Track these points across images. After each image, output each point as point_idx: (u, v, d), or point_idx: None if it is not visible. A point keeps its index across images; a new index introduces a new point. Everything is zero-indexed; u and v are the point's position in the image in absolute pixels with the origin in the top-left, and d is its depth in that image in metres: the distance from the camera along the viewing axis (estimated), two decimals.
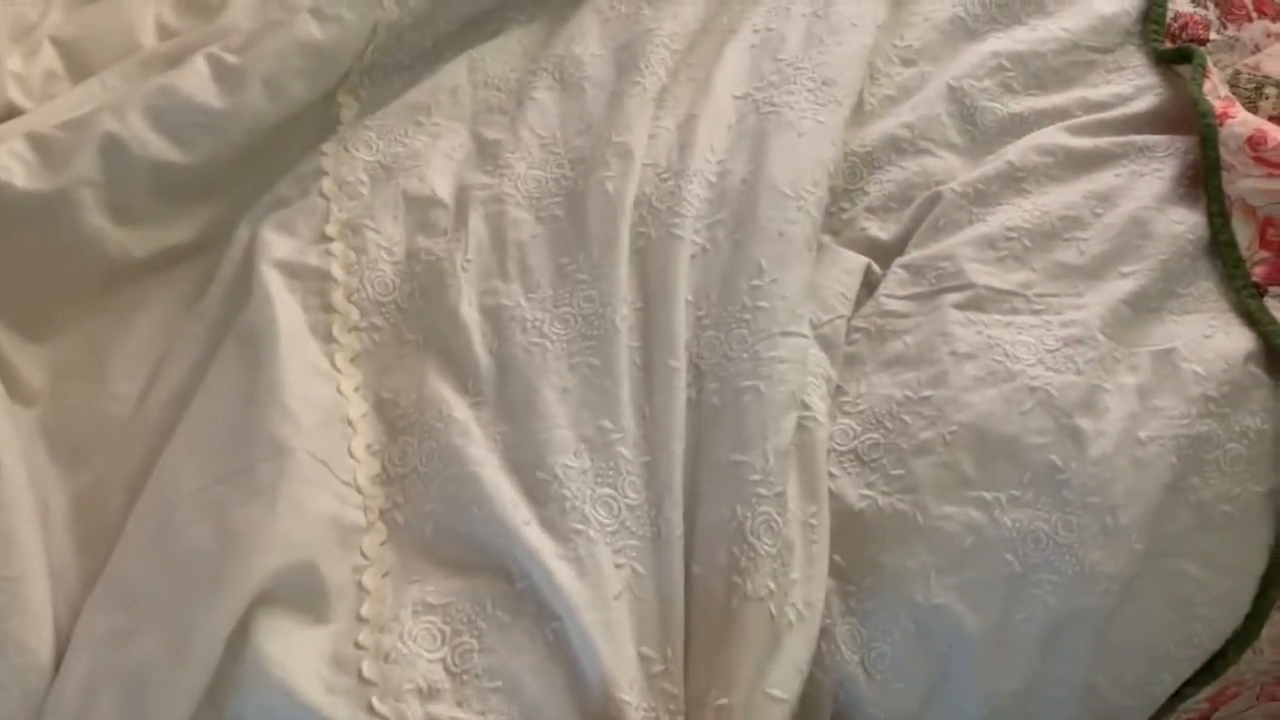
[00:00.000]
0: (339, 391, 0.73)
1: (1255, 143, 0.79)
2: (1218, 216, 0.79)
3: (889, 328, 0.76)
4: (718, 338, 0.73)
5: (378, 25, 0.83)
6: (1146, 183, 0.81)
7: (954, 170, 0.84)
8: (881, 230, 0.83)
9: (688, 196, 0.79)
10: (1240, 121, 0.80)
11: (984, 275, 0.76)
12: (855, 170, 0.84)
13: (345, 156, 0.83)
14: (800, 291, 0.74)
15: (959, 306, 0.76)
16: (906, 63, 0.90)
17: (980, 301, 0.75)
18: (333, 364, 0.74)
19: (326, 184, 0.81)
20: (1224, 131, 0.80)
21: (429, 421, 0.71)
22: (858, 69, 0.85)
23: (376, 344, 0.75)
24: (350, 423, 0.72)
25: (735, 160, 0.81)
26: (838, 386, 0.74)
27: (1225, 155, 0.80)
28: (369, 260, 0.78)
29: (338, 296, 0.77)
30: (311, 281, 0.77)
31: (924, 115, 0.87)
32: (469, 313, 0.75)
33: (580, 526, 0.67)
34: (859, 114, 0.87)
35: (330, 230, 0.79)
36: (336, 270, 0.78)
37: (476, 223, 0.79)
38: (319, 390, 0.71)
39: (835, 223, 0.84)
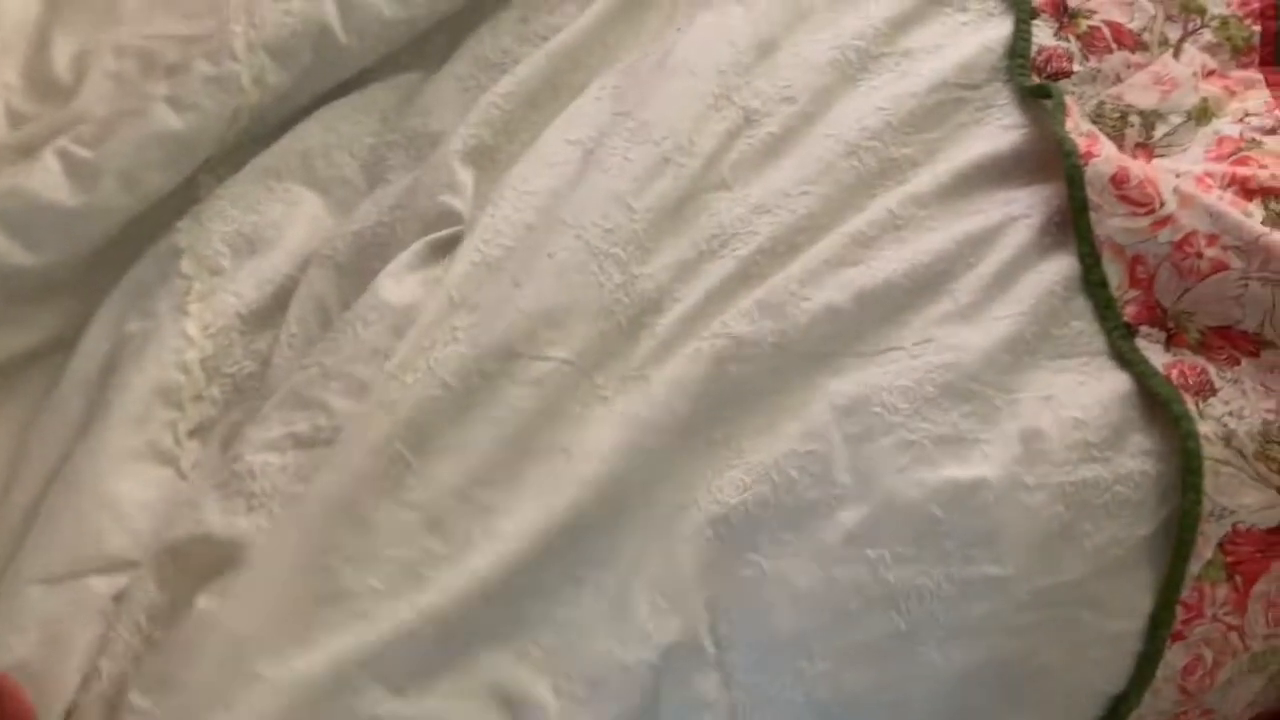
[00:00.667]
0: (178, 472, 0.71)
1: (1118, 181, 0.81)
2: (1088, 256, 0.80)
3: (769, 381, 0.75)
4: (463, 351, 0.70)
5: (239, 110, 0.81)
6: (1017, 226, 0.82)
7: (839, 211, 0.84)
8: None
9: (483, 218, 0.77)
10: (1104, 160, 0.82)
11: (861, 340, 0.76)
12: (744, 218, 0.82)
13: (200, 231, 0.80)
14: (557, 316, 0.71)
15: (837, 365, 0.75)
16: (786, 100, 0.89)
17: (859, 364, 0.75)
18: (176, 438, 0.72)
19: (185, 263, 0.79)
20: (1089, 171, 0.81)
21: None
22: (683, 112, 0.82)
23: (212, 420, 0.74)
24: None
25: (542, 199, 0.78)
26: (714, 439, 0.72)
27: (1092, 195, 0.81)
28: (223, 328, 0.76)
29: (191, 357, 0.75)
30: (169, 341, 0.75)
31: (807, 158, 0.86)
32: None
33: (264, 524, 0.65)
34: (741, 155, 0.85)
35: (190, 298, 0.77)
36: (193, 330, 0.76)
37: (304, 294, 0.77)
38: (155, 484, 0.69)
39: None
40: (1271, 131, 0.90)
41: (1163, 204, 0.80)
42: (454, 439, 0.66)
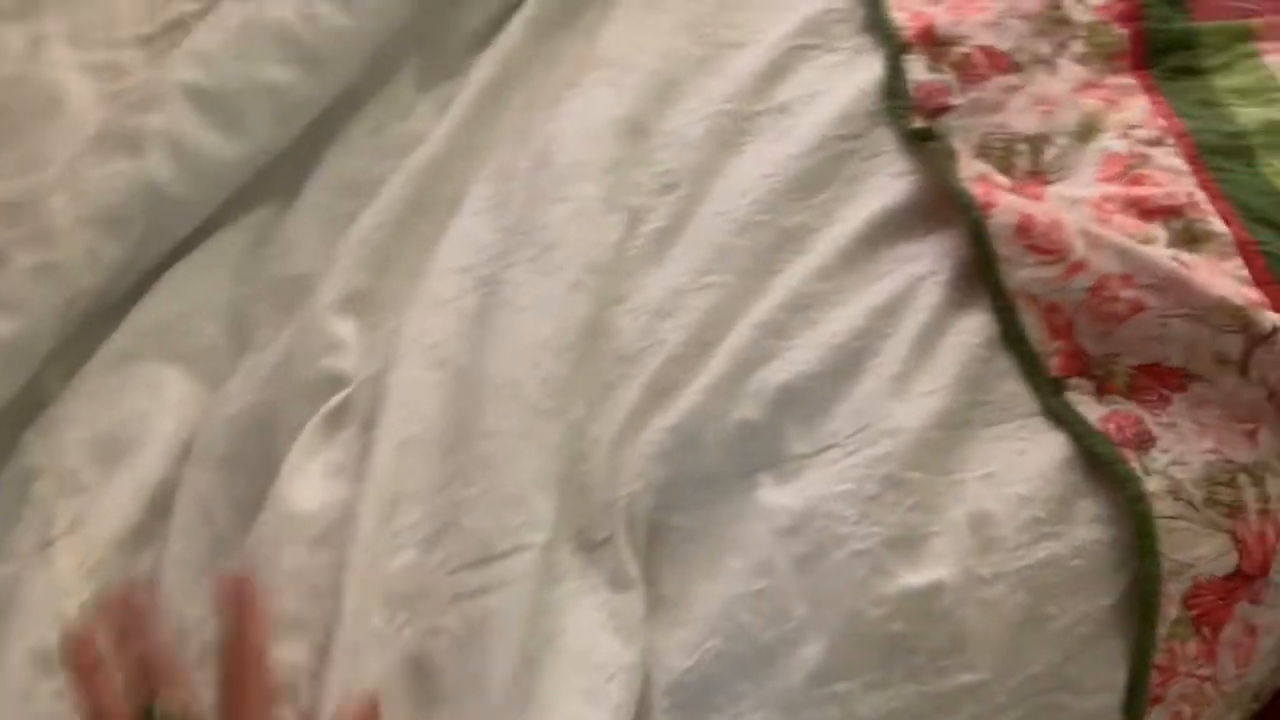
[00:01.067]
0: None
1: (1024, 230, 0.78)
2: (1004, 311, 0.77)
3: (706, 514, 0.71)
4: (419, 560, 0.63)
5: (74, 298, 0.73)
6: (925, 286, 0.79)
7: (742, 300, 0.79)
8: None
9: (394, 385, 0.69)
10: (1004, 209, 0.79)
11: (794, 442, 0.72)
12: (647, 329, 0.76)
13: (54, 442, 0.71)
14: (518, 496, 0.65)
15: (773, 476, 0.71)
16: (668, 188, 0.84)
17: (796, 469, 0.72)
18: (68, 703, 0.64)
19: (42, 484, 0.70)
20: (992, 223, 0.78)
21: None
22: (582, 226, 0.77)
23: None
24: None
25: (449, 348, 0.71)
26: (661, 596, 0.67)
27: (999, 247, 0.78)
28: (100, 561, 0.68)
29: (69, 606, 0.66)
30: (40, 591, 0.66)
31: (700, 244, 0.81)
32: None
33: None
34: (631, 261, 0.80)
35: (56, 532, 0.68)
36: (66, 572, 0.67)
37: (185, 500, 0.69)
38: None
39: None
40: (1156, 143, 0.88)
41: (1071, 249, 0.77)
42: (464, 674, 0.60)
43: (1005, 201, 0.79)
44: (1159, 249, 0.80)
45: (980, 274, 0.78)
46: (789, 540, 0.68)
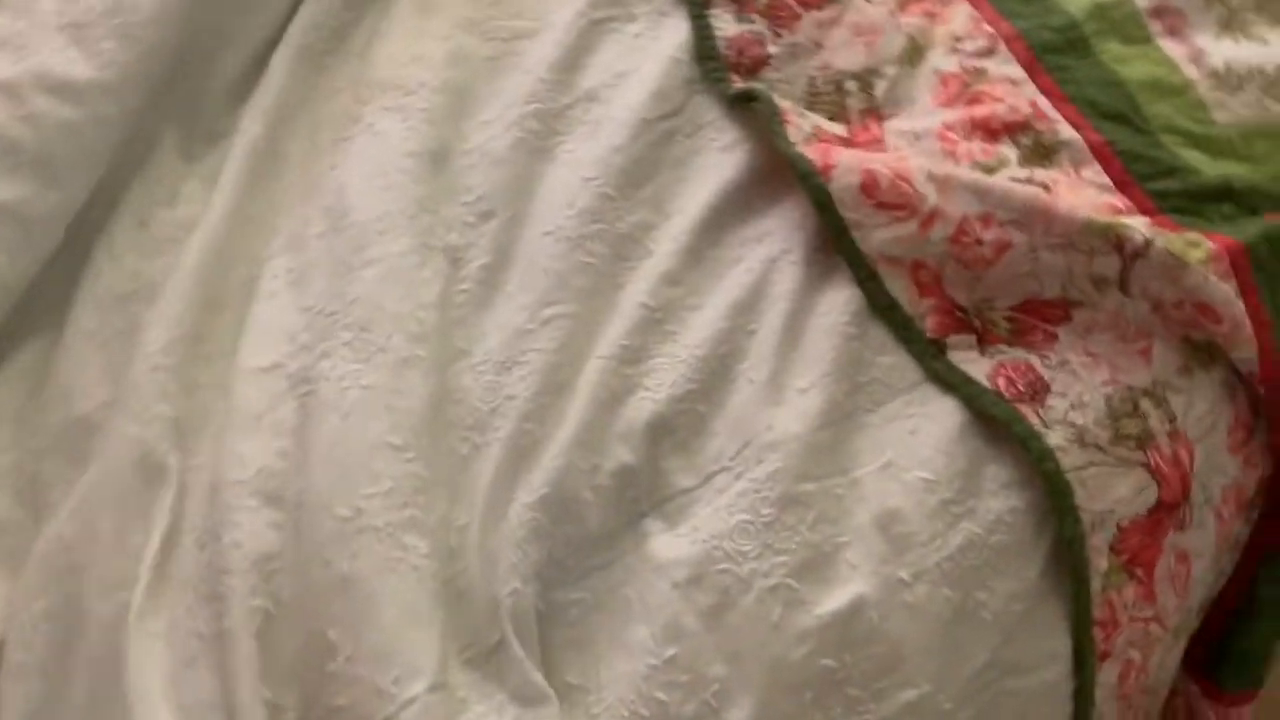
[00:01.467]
0: None
1: (868, 189, 0.72)
2: (867, 281, 0.71)
3: (599, 581, 0.64)
4: None
5: None
6: (779, 268, 0.72)
7: (590, 328, 0.72)
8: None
9: (225, 551, 0.60)
10: (844, 170, 0.72)
11: (676, 476, 0.66)
12: (494, 385, 0.68)
13: None
14: (386, 649, 0.57)
15: (661, 518, 0.65)
16: (484, 216, 0.75)
17: (684, 505, 0.65)
18: None
19: None
20: (834, 188, 0.72)
21: None
22: (396, 290, 0.68)
23: None
24: None
25: (277, 479, 0.62)
26: (568, 685, 0.61)
27: (846, 213, 0.72)
28: None
29: None
30: None
31: (533, 272, 0.72)
32: None
33: None
34: (462, 310, 0.71)
35: None
36: None
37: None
38: None
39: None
40: (988, 53, 0.83)
41: (923, 199, 0.71)
42: None
43: (844, 161, 0.73)
44: (1013, 171, 0.75)
45: (834, 244, 0.72)
46: (692, 593, 0.62)
